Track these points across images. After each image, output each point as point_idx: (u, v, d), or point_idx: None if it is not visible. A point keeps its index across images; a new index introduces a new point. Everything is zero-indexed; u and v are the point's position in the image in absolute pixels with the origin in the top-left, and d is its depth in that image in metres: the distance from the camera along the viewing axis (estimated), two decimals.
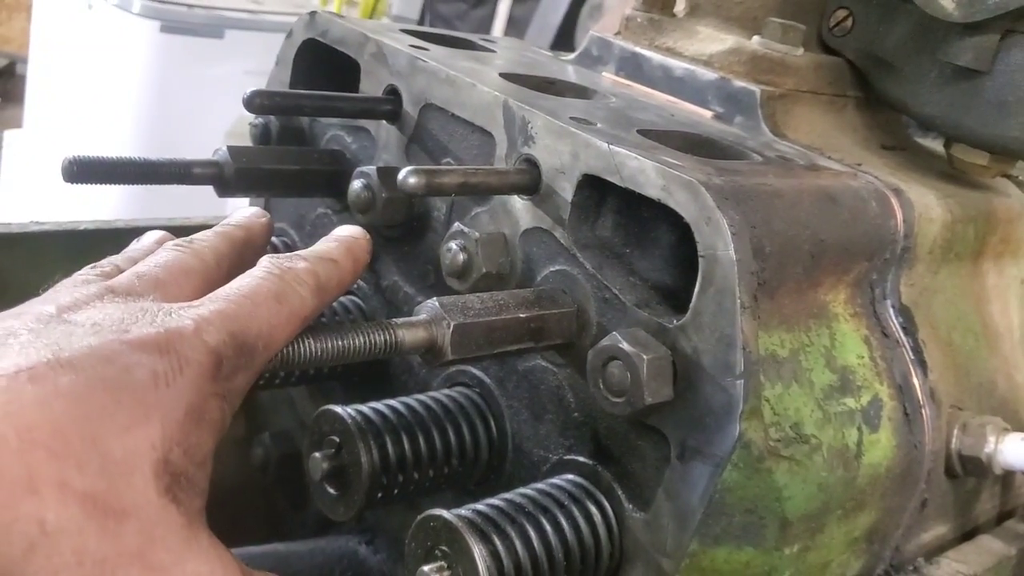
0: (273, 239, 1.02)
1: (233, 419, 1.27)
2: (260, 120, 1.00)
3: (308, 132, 1.00)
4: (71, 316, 0.63)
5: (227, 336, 0.64)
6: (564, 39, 3.84)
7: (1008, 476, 0.92)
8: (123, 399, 0.59)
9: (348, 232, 0.74)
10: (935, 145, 1.07)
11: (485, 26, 4.14)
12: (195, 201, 1.29)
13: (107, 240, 1.08)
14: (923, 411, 0.79)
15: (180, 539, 0.59)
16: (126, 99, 3.26)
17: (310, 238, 1.00)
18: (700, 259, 0.65)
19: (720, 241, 0.64)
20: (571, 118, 0.75)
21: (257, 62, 3.04)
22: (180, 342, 0.62)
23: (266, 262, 0.69)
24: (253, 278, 0.67)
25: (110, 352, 0.60)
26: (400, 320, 0.66)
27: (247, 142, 1.00)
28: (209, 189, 0.90)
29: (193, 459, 0.62)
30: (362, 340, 0.62)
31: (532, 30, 3.91)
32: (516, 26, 4.06)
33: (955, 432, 0.82)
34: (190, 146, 0.88)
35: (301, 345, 0.60)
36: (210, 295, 0.66)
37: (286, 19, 3.36)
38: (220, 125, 2.97)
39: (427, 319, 0.66)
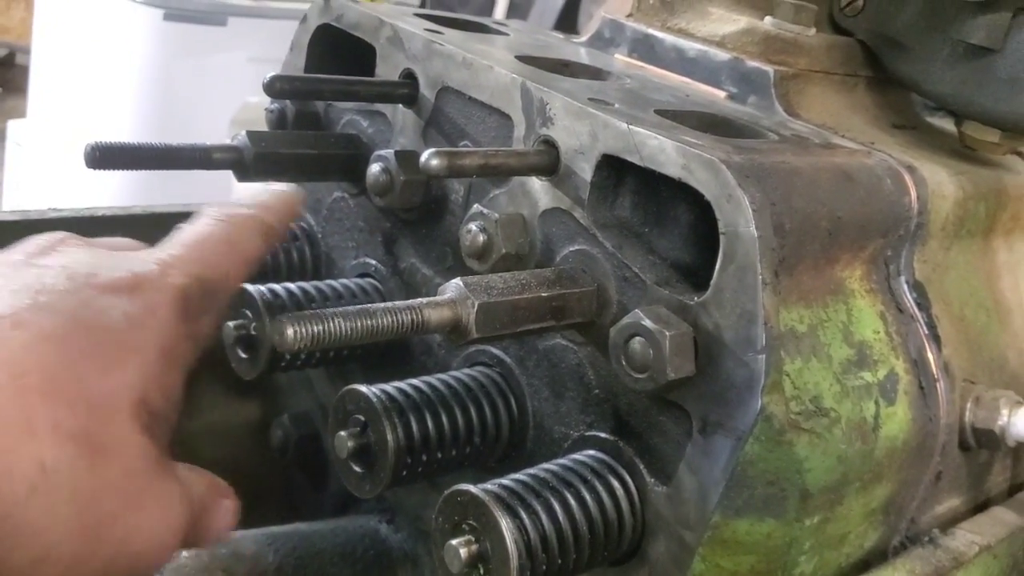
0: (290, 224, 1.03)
1: (248, 402, 1.28)
2: (276, 105, 1.01)
3: (324, 117, 1.01)
4: (39, 260, 0.66)
5: (190, 278, 0.67)
6: (565, 25, 3.83)
7: (1020, 449, 0.93)
8: (102, 341, 0.61)
9: (280, 186, 0.80)
10: (944, 124, 1.07)
11: (486, 12, 4.13)
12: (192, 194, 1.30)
13: (124, 226, 1.09)
14: (938, 385, 0.80)
15: (153, 468, 0.63)
16: (129, 87, 3.26)
17: (327, 222, 1.01)
18: (721, 236, 0.66)
19: (741, 218, 0.65)
20: (589, 99, 0.76)
21: (260, 50, 3.04)
22: (148, 285, 0.65)
23: (212, 211, 0.73)
24: (203, 225, 0.71)
25: (84, 296, 0.63)
26: (425, 300, 0.66)
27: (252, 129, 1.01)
28: (210, 178, 0.92)
29: (167, 398, 0.65)
30: (390, 320, 0.63)
31: (533, 15, 3.90)
32: (517, 12, 4.05)
33: (968, 405, 0.83)
34: (194, 134, 0.89)
35: (331, 324, 0.61)
36: (163, 243, 0.69)
37: (289, 6, 3.35)
38: (224, 113, 2.97)
39: (452, 298, 0.67)
